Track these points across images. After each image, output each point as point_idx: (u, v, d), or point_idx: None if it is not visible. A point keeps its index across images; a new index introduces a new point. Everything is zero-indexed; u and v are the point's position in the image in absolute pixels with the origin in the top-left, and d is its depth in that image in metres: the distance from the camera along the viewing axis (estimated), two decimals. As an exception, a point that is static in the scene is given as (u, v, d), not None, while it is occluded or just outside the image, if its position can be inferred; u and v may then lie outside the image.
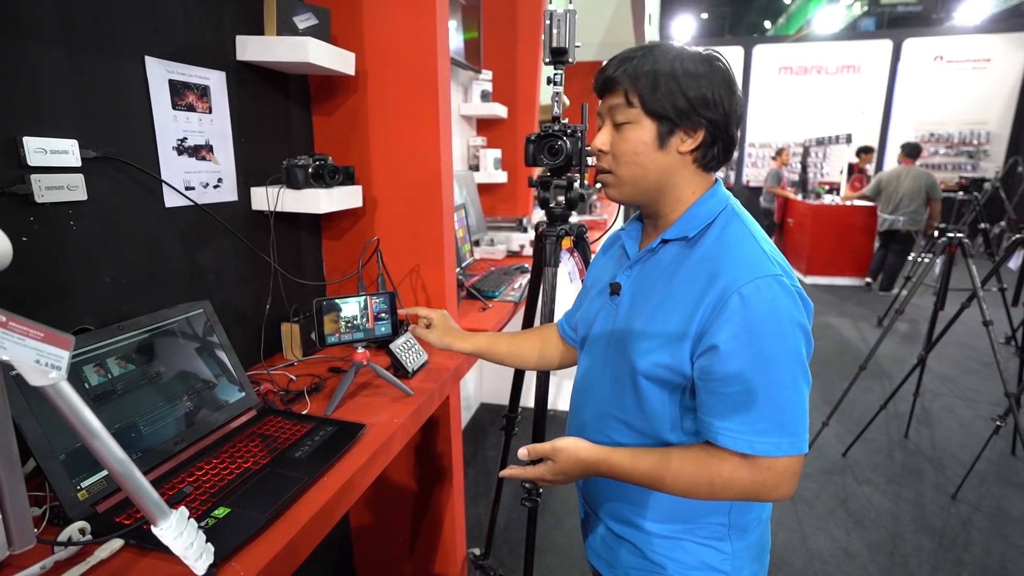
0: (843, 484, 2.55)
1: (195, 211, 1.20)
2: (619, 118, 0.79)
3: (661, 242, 0.83)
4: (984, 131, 9.16)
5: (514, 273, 2.35)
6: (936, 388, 3.53)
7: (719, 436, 0.74)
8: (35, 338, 0.56)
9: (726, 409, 0.73)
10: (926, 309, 4.06)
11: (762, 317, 0.70)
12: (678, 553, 0.86)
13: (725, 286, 0.72)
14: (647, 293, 0.83)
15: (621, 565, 0.90)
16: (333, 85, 1.52)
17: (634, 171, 0.80)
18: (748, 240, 0.78)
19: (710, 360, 0.73)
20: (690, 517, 0.85)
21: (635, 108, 0.77)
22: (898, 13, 11.35)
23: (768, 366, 0.71)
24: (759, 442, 0.72)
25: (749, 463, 0.73)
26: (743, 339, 0.71)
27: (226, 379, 1.10)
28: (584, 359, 0.94)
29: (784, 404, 0.72)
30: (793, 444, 0.72)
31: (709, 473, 0.75)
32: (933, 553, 2.11)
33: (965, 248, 2.28)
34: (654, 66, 0.76)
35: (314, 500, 0.86)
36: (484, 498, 2.47)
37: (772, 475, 0.73)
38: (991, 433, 2.51)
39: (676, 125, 0.77)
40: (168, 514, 0.67)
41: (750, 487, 0.74)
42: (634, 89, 0.77)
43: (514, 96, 2.99)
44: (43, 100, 0.90)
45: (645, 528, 0.87)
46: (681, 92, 0.75)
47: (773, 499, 0.76)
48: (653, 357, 0.78)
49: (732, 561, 0.85)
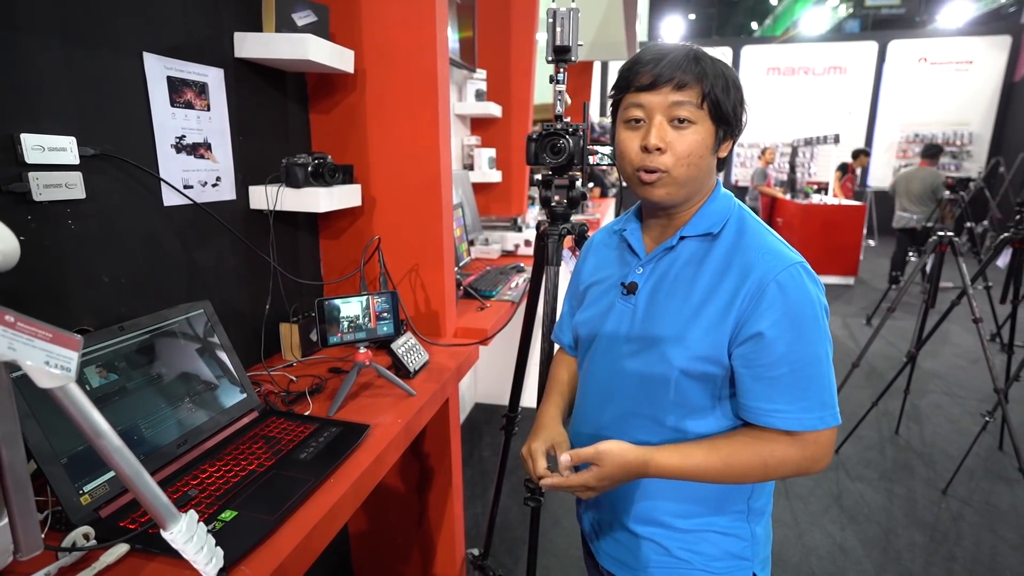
0: (836, 480, 2.58)
1: (193, 210, 1.18)
2: (683, 114, 0.76)
3: (680, 239, 0.83)
4: (967, 132, 9.32)
5: (510, 272, 2.35)
6: (924, 385, 3.58)
7: (769, 418, 0.77)
8: (43, 339, 0.54)
9: (773, 392, 0.76)
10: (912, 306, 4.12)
11: (798, 302, 0.75)
12: (702, 546, 0.86)
13: (761, 276, 0.75)
14: (671, 290, 0.82)
15: (643, 565, 0.89)
16: (331, 83, 1.51)
17: (691, 172, 0.78)
18: (765, 231, 0.82)
19: (755, 347, 0.76)
20: (714, 508, 0.86)
21: (703, 110, 0.76)
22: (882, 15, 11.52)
23: (807, 347, 0.75)
24: (806, 418, 0.76)
25: (798, 440, 0.77)
26: (785, 324, 0.74)
27: (227, 380, 1.08)
28: (596, 361, 0.91)
29: (822, 380, 0.77)
30: (833, 416, 0.77)
31: (762, 455, 0.77)
32: (925, 548, 2.14)
33: (955, 247, 2.31)
34: (723, 71, 0.77)
35: (322, 502, 0.85)
36: (480, 499, 2.46)
37: (819, 448, 0.77)
38: (980, 429, 2.54)
39: (732, 130, 0.80)
40: (178, 518, 0.65)
41: (801, 463, 0.78)
42: (710, 90, 0.75)
43: (508, 95, 2.98)
44: (40, 96, 0.88)
45: (671, 525, 0.87)
46: (740, 101, 0.79)
47: (816, 471, 0.80)
48: (693, 352, 0.79)
49: (752, 546, 0.87)
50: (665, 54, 0.76)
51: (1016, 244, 2.35)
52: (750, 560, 0.88)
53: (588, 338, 0.93)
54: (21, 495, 0.56)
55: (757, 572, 0.89)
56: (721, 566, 0.87)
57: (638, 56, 0.79)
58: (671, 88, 0.75)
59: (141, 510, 0.81)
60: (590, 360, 0.93)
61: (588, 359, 0.94)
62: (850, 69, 9.60)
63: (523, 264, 2.54)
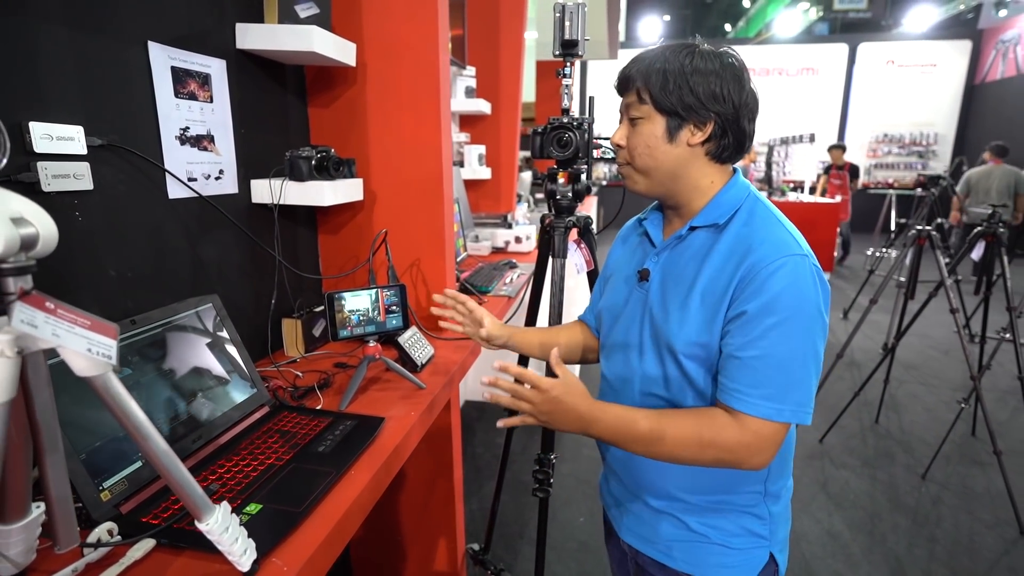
0: (822, 468, 2.65)
1: (198, 203, 1.16)
2: (633, 114, 0.84)
3: (689, 229, 0.86)
4: (932, 132, 9.65)
5: (503, 268, 2.35)
6: (901, 376, 3.70)
7: (728, 395, 0.77)
8: (83, 326, 0.54)
9: (739, 372, 0.76)
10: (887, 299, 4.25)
11: (786, 291, 0.74)
12: (720, 521, 0.88)
13: (755, 262, 0.76)
14: (678, 277, 0.85)
15: (662, 539, 0.92)
16: (330, 76, 1.49)
17: (647, 163, 0.85)
18: (775, 223, 0.82)
19: (734, 325, 0.77)
20: (729, 488, 0.87)
21: (647, 104, 0.82)
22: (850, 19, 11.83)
23: (787, 340, 0.75)
24: (763, 405, 0.75)
25: (739, 423, 0.76)
26: (766, 309, 0.74)
27: (237, 375, 1.06)
28: (616, 345, 0.95)
29: (793, 375, 0.75)
30: (794, 413, 0.76)
31: (699, 427, 0.77)
32: (908, 530, 2.21)
33: (933, 240, 2.40)
34: (664, 64, 0.80)
35: (346, 493, 0.85)
36: (476, 495, 2.46)
37: (757, 439, 0.76)
38: (955, 416, 2.64)
39: (684, 120, 0.81)
40: (213, 509, 0.64)
41: (735, 448, 0.76)
42: (645, 87, 0.82)
43: (497, 93, 2.98)
44: (47, 84, 0.85)
45: (688, 500, 0.89)
46: (689, 89, 0.79)
47: (750, 465, 0.77)
48: (690, 337, 0.81)
49: (770, 525, 0.90)
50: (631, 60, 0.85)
51: (988, 238, 2.45)
52: (768, 540, 0.90)
53: (610, 323, 0.97)
54: (60, 485, 0.55)
55: (775, 553, 0.91)
56: (739, 542, 0.89)
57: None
58: (624, 92, 0.86)
59: (163, 505, 0.79)
60: (610, 345, 0.96)
61: (609, 344, 0.97)
62: (822, 70, 9.85)
63: (515, 260, 2.55)
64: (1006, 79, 8.82)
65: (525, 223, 3.13)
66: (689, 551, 0.90)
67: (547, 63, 4.90)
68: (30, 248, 0.50)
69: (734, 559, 0.89)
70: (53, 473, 0.54)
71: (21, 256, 0.50)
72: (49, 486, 0.54)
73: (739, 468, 0.78)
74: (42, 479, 0.54)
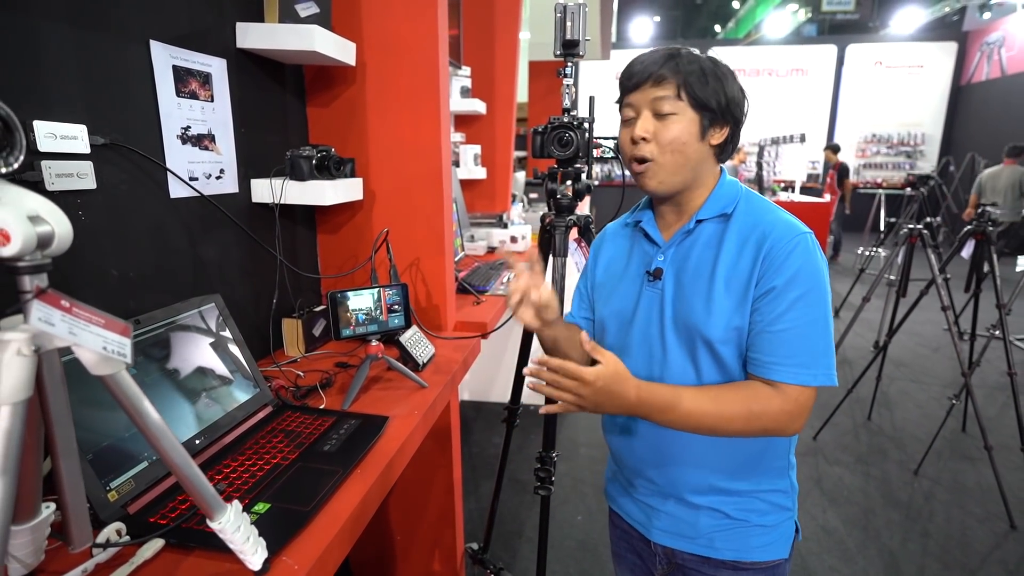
0: (816, 465, 2.68)
1: (199, 203, 1.15)
2: (665, 108, 0.83)
3: (696, 222, 0.88)
4: (920, 132, 9.77)
5: (500, 268, 2.36)
6: (892, 373, 3.74)
7: (765, 369, 0.81)
8: (98, 324, 0.53)
9: (773, 346, 0.80)
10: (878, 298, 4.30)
11: (806, 265, 0.80)
12: (756, 504, 0.91)
13: (774, 242, 0.81)
14: (695, 270, 0.87)
15: (703, 533, 0.93)
16: (329, 76, 1.49)
17: (678, 159, 0.85)
18: (772, 207, 0.88)
19: (763, 301, 0.81)
20: (763, 466, 0.91)
21: (683, 101, 0.83)
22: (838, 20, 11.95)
23: (810, 308, 0.80)
24: (801, 373, 0.80)
25: (781, 392, 0.80)
26: (791, 284, 0.80)
27: (240, 375, 1.06)
28: (636, 347, 0.93)
29: (819, 341, 0.81)
30: (827, 375, 0.81)
31: (747, 401, 0.80)
32: (902, 525, 2.24)
33: (924, 239, 2.43)
34: (700, 64, 0.83)
35: (354, 491, 0.85)
36: (473, 494, 2.46)
37: (797, 406, 0.80)
38: (946, 412, 2.68)
39: (717, 118, 0.84)
40: (225, 508, 0.65)
41: (779, 416, 0.80)
42: (686, 83, 0.82)
43: (492, 93, 2.99)
44: (50, 82, 0.85)
45: (728, 489, 0.91)
46: (723, 90, 0.83)
47: (790, 432, 0.82)
48: (724, 322, 0.83)
49: (791, 496, 0.95)
50: (645, 58, 0.85)
51: (978, 236, 2.48)
52: (792, 510, 0.95)
53: (620, 327, 0.95)
54: (74, 484, 0.55)
55: (796, 522, 0.97)
56: (773, 519, 0.92)
57: (627, 66, 0.87)
58: (650, 85, 0.83)
59: (170, 505, 0.79)
60: (629, 346, 0.94)
61: (623, 346, 0.94)
62: (811, 71, 9.94)
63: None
64: (991, 80, 8.95)
65: (520, 223, 3.14)
66: (732, 539, 0.92)
67: (540, 63, 4.91)
68: (46, 246, 0.50)
69: (772, 536, 0.93)
70: (68, 472, 0.54)
71: (37, 254, 0.49)
72: (63, 485, 0.54)
73: (781, 435, 0.82)
74: (56, 478, 0.54)
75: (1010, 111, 8.42)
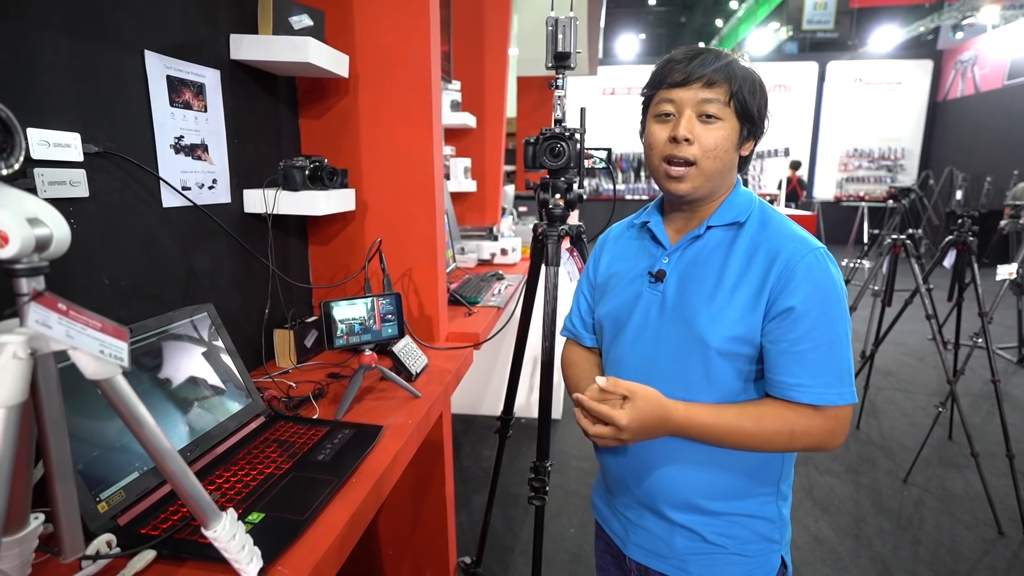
0: (807, 475, 2.69)
1: (191, 212, 1.15)
2: (712, 111, 0.80)
3: (706, 228, 0.87)
4: (900, 147, 10.00)
5: (491, 280, 2.37)
6: (879, 382, 3.78)
7: (792, 391, 0.80)
8: (95, 328, 0.53)
9: (797, 367, 0.79)
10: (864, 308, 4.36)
11: (824, 283, 0.79)
12: (736, 530, 0.88)
13: (789, 257, 0.80)
14: (701, 275, 0.85)
15: (677, 554, 0.90)
16: (322, 88, 1.50)
17: (717, 166, 0.83)
18: (789, 221, 0.86)
19: (783, 322, 0.79)
20: (746, 491, 0.88)
21: (730, 108, 0.81)
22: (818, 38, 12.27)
23: (830, 326, 0.79)
24: (828, 393, 0.79)
25: (821, 413, 0.80)
26: (812, 302, 0.78)
27: (233, 385, 1.05)
28: (626, 349, 0.92)
29: (842, 359, 0.80)
30: (851, 393, 0.80)
31: (790, 422, 0.80)
32: (893, 533, 2.25)
33: (908, 249, 2.48)
34: (750, 74, 0.82)
35: (349, 500, 0.84)
36: (464, 508, 2.44)
37: (838, 423, 0.81)
38: (932, 421, 2.71)
39: (756, 129, 0.85)
40: (220, 516, 0.64)
41: (823, 435, 0.81)
42: (739, 90, 0.80)
43: (482, 107, 3.02)
44: (45, 89, 0.85)
45: (706, 508, 0.88)
46: (764, 104, 0.84)
47: (834, 446, 0.82)
48: (725, 332, 0.81)
49: (780, 528, 0.90)
50: (697, 54, 0.81)
51: (959, 246, 2.54)
52: (779, 543, 0.91)
53: (615, 328, 0.94)
54: (66, 490, 0.54)
55: (784, 556, 0.92)
56: (754, 548, 0.89)
57: (671, 55, 0.84)
58: (701, 85, 0.80)
59: (161, 516, 0.78)
60: (618, 350, 0.93)
61: (616, 349, 0.93)
62: (794, 87, 10.15)
63: (502, 272, 2.56)
64: (966, 97, 9.21)
65: (511, 235, 3.15)
66: (706, 564, 0.89)
67: (528, 79, 4.97)
68: (43, 249, 0.50)
69: (750, 566, 0.89)
70: (61, 478, 0.53)
71: (35, 257, 0.49)
72: (56, 490, 0.53)
73: (824, 450, 0.83)
74: (49, 483, 0.53)
75: (983, 127, 8.66)
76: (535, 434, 1.52)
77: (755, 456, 0.86)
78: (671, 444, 0.86)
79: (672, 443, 0.86)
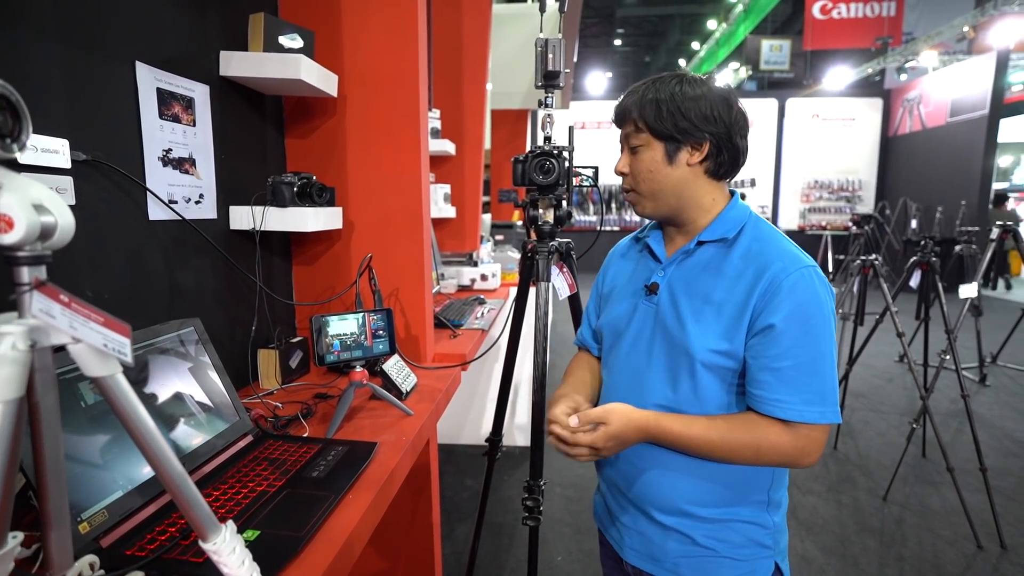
0: (790, 495, 2.68)
1: (177, 227, 1.12)
2: (633, 143, 0.90)
3: (697, 244, 0.89)
4: (857, 179, 10.49)
5: (472, 304, 2.36)
6: (852, 403, 3.86)
7: (770, 406, 0.80)
8: (97, 322, 0.51)
9: (777, 382, 0.80)
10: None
11: (808, 301, 0.80)
12: (726, 534, 0.88)
13: (775, 274, 0.81)
14: (691, 289, 0.88)
15: (669, 557, 0.90)
16: (309, 107, 1.50)
17: (651, 186, 0.90)
18: (780, 237, 0.88)
19: (764, 338, 0.80)
20: (735, 499, 0.88)
21: (644, 133, 0.88)
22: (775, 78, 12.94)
23: (813, 344, 0.80)
24: (806, 411, 0.79)
25: (792, 430, 0.80)
26: (794, 319, 0.79)
27: (220, 402, 1.01)
28: (621, 359, 0.95)
29: (824, 377, 0.80)
30: (834, 413, 0.80)
31: (756, 437, 0.81)
32: (878, 551, 2.27)
33: (877, 270, 2.57)
34: (656, 94, 0.86)
35: (348, 517, 0.81)
36: (448, 538, 2.36)
37: (810, 443, 0.81)
38: (907, 438, 2.77)
39: (680, 142, 0.87)
40: (220, 528, 0.60)
41: (792, 452, 0.81)
42: (641, 117, 0.87)
43: (461, 135, 3.06)
44: (35, 95, 0.83)
45: (696, 514, 0.88)
46: (681, 114, 0.85)
47: (804, 465, 0.83)
48: (710, 345, 0.83)
49: (773, 535, 0.90)
50: (628, 93, 0.90)
51: (924, 266, 2.64)
52: (772, 549, 0.91)
53: (613, 338, 0.97)
54: (58, 497, 0.50)
55: (779, 563, 0.92)
56: (746, 553, 0.89)
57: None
58: (622, 123, 0.91)
59: (148, 536, 0.73)
60: (615, 359, 0.96)
61: (613, 358, 0.97)
62: (756, 122, 10.60)
63: (484, 296, 2.56)
64: (913, 132, 9.76)
65: (490, 261, 3.16)
66: (697, 567, 0.90)
67: (502, 112, 5.09)
68: (47, 237, 0.48)
69: (742, 570, 0.89)
70: (53, 482, 0.49)
71: (38, 245, 0.47)
72: (47, 494, 0.49)
73: (795, 467, 0.85)
74: (40, 490, 0.49)
75: (931, 160, 9.17)
76: (517, 462, 1.50)
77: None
78: (660, 450, 0.88)
79: (661, 449, 0.88)
